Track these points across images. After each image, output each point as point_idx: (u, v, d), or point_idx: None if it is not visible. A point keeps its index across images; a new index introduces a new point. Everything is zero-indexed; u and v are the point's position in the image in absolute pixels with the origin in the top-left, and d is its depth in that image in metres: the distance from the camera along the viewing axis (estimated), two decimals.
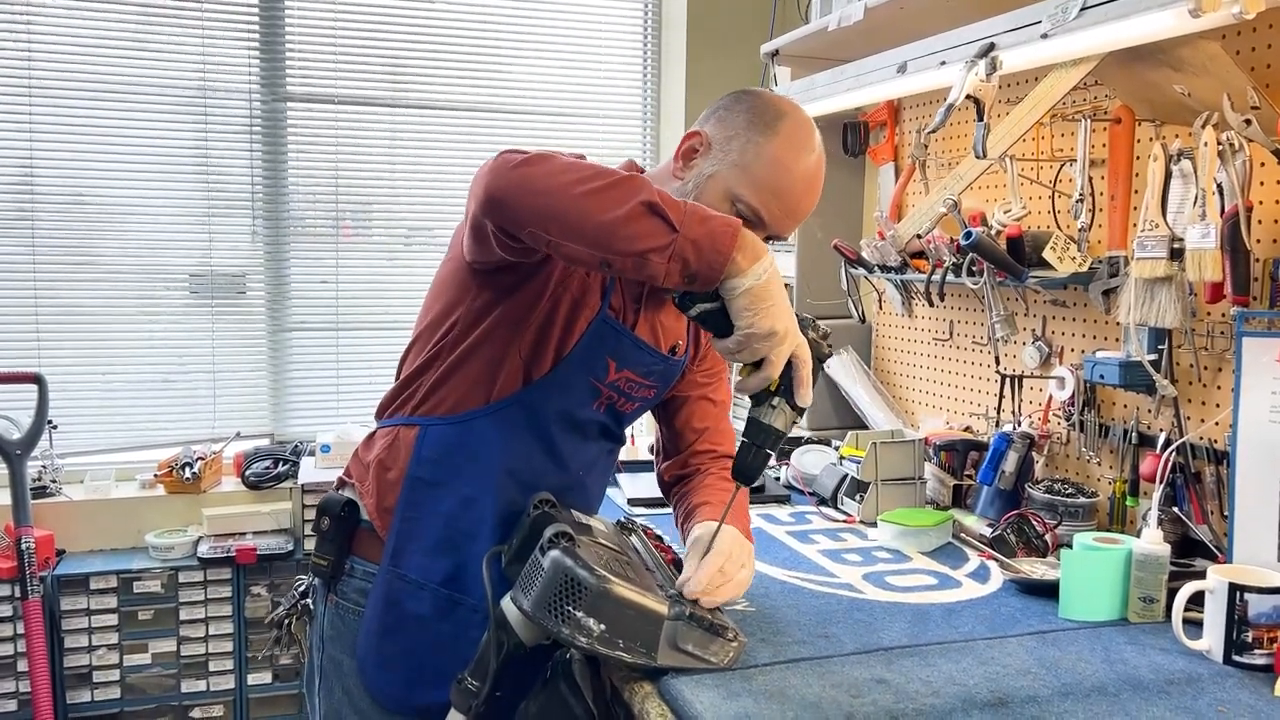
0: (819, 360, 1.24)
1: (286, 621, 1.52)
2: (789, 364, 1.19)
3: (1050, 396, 2.06)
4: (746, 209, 1.33)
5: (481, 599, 1.32)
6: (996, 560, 1.77)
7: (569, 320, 1.39)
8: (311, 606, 1.51)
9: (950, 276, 2.06)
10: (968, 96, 1.68)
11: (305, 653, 1.51)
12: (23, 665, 2.65)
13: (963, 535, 1.92)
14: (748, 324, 1.14)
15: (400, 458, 1.41)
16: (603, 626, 1.19)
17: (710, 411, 1.62)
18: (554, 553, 1.22)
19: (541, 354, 1.40)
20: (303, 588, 1.55)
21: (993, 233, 1.95)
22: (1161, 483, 1.64)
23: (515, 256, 1.30)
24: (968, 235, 1.90)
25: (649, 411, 1.64)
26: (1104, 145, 1.89)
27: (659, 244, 1.12)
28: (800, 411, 1.23)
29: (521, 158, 1.19)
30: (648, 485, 2.23)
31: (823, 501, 2.16)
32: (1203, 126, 1.58)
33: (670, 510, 1.63)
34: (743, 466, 1.26)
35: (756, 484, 2.21)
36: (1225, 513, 1.61)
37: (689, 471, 1.61)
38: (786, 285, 2.80)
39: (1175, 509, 1.72)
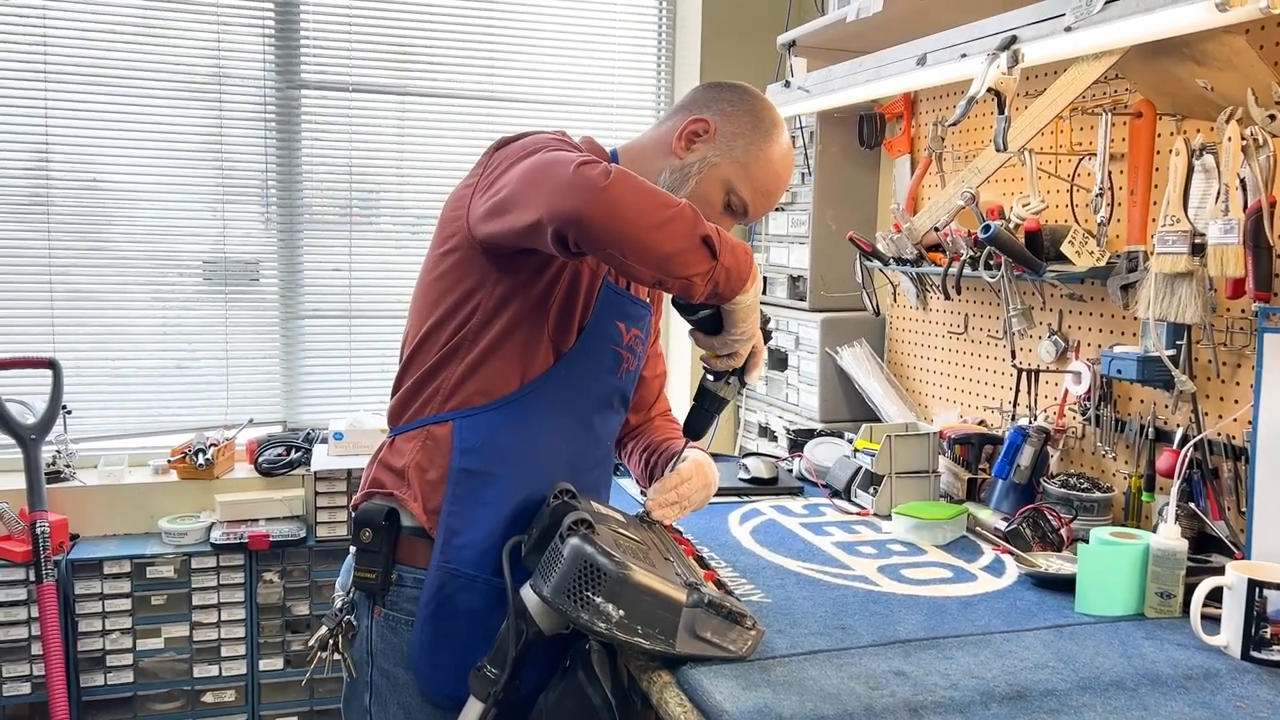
0: (765, 340, 1.46)
1: (332, 641, 1.46)
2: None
3: (1066, 391, 2.05)
4: (738, 201, 1.49)
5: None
6: (1012, 554, 1.77)
7: (587, 292, 1.44)
8: (354, 622, 1.46)
9: (967, 270, 2.05)
10: (989, 89, 1.67)
11: (352, 671, 1.46)
12: (37, 649, 2.66)
13: (977, 529, 1.92)
14: (740, 330, 1.35)
15: (439, 455, 1.39)
16: (621, 612, 1.20)
17: (658, 386, 1.80)
18: (573, 540, 1.22)
19: (566, 329, 1.42)
20: (340, 604, 1.49)
21: (1011, 226, 1.95)
22: (1179, 478, 1.64)
23: (556, 253, 1.29)
24: (986, 228, 1.89)
25: None
26: (1124, 139, 1.88)
27: (703, 270, 1.25)
28: (745, 385, 1.45)
29: (604, 179, 1.20)
30: None
31: (836, 494, 2.16)
32: (1226, 121, 1.57)
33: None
34: (695, 426, 1.48)
35: (770, 476, 2.24)
36: (1242, 509, 1.60)
37: (640, 426, 1.77)
38: (800, 277, 2.80)
39: (1192, 504, 1.72)
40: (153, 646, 2.78)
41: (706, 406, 1.44)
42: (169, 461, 2.95)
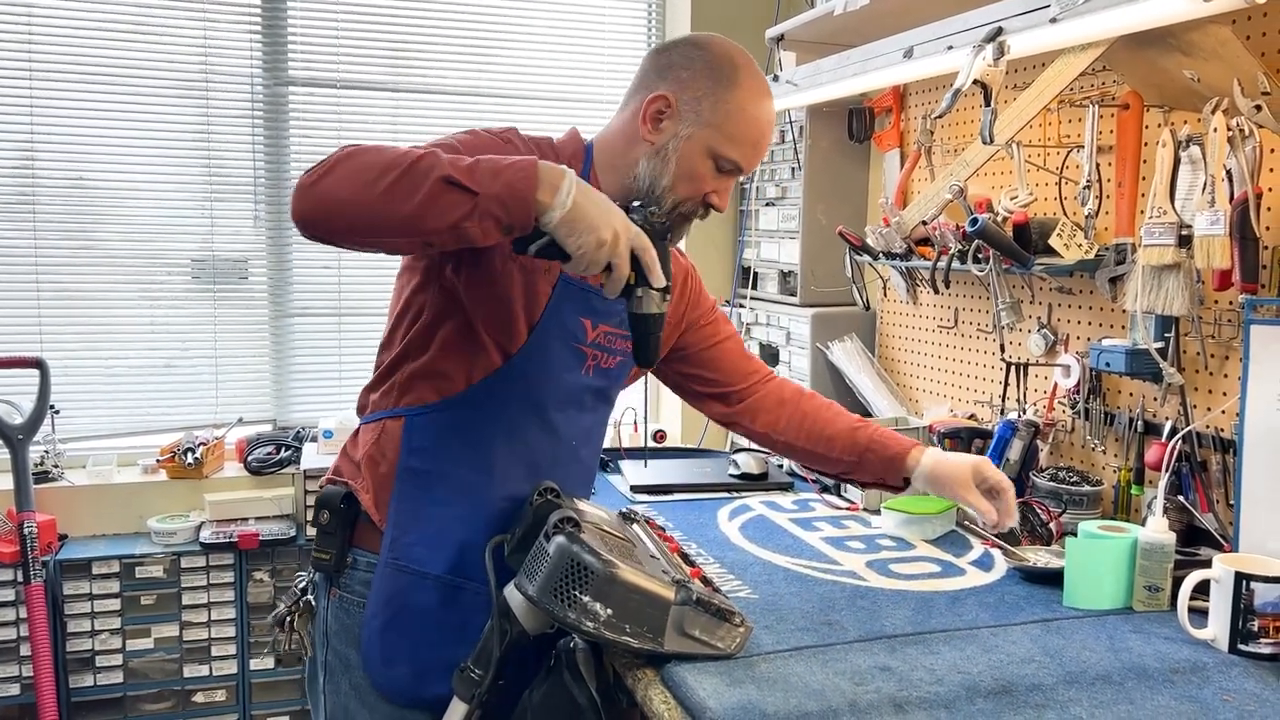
0: (660, 237, 1.30)
1: (289, 619, 1.50)
2: (634, 255, 1.24)
3: (1055, 384, 2.05)
4: (728, 162, 1.41)
5: (485, 581, 1.31)
6: (1000, 548, 1.77)
7: (529, 288, 1.39)
8: (313, 602, 1.50)
9: (956, 263, 2.05)
10: (975, 82, 1.66)
11: (309, 649, 1.49)
12: (25, 650, 2.65)
13: (966, 523, 1.92)
14: (577, 245, 1.20)
15: (390, 450, 1.42)
16: (609, 611, 1.19)
17: (738, 346, 1.73)
18: (559, 538, 1.21)
19: (510, 328, 1.39)
20: (302, 584, 1.53)
21: (999, 219, 1.94)
22: (1167, 471, 1.64)
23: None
24: (974, 222, 1.88)
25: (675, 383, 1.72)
26: (1112, 131, 1.87)
27: (465, 211, 1.17)
28: (664, 290, 1.29)
29: (315, 175, 1.19)
30: (651, 472, 2.23)
31: (826, 489, 2.16)
32: (1213, 112, 1.56)
33: (669, 498, 1.64)
34: (644, 353, 1.33)
35: (760, 472, 2.23)
36: (1230, 501, 1.60)
37: (750, 393, 1.70)
38: (790, 273, 2.79)
39: (1180, 497, 1.72)
40: (142, 646, 2.77)
41: (639, 329, 1.32)
42: (158, 461, 2.93)
